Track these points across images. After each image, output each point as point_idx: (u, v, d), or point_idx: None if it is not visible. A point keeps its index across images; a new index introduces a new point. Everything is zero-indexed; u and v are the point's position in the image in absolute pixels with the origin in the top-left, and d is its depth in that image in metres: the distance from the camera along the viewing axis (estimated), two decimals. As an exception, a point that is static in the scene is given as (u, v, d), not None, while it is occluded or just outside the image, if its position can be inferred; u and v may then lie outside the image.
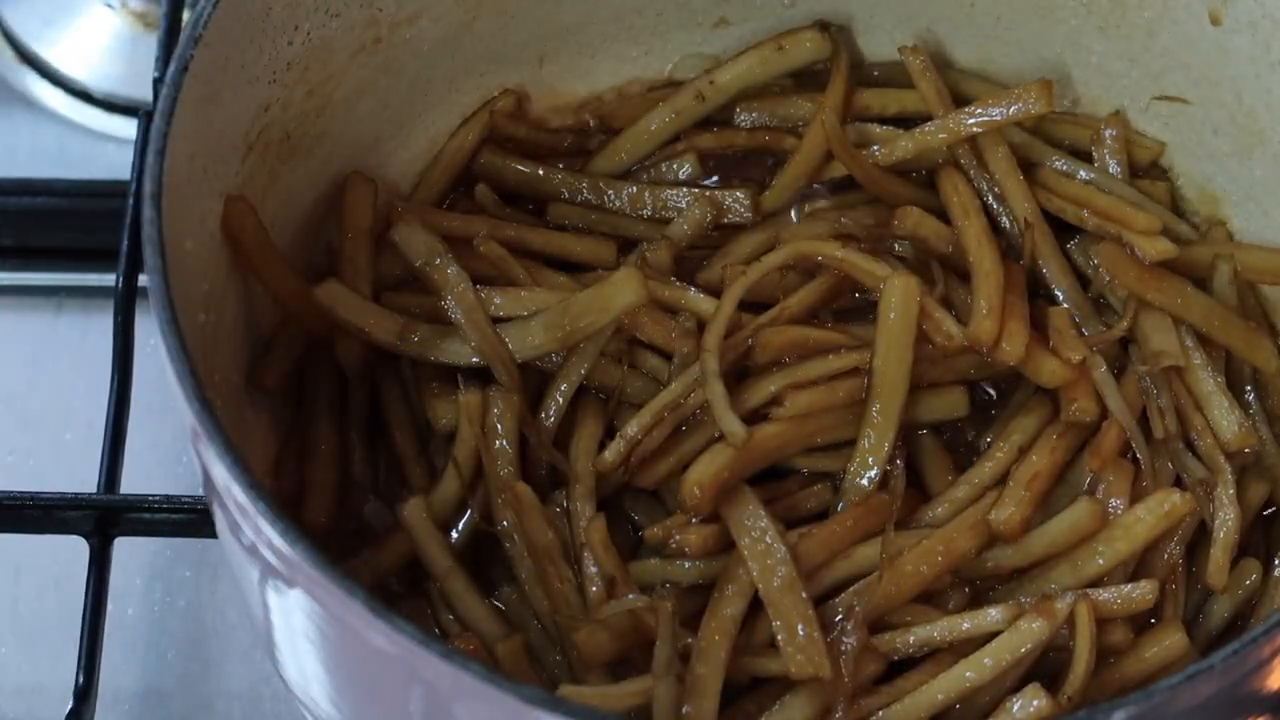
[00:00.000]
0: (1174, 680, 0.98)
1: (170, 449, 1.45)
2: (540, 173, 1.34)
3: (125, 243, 1.41)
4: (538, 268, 1.28)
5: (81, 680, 1.29)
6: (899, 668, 1.16)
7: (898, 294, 1.22)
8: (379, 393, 1.26)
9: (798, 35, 1.36)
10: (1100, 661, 1.15)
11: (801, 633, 1.13)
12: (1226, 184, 1.32)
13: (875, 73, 1.37)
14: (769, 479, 1.22)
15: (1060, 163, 1.32)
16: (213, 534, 1.19)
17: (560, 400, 1.23)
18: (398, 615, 0.96)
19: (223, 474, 1.01)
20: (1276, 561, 1.23)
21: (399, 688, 1.02)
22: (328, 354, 1.26)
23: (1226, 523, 1.21)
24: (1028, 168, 1.32)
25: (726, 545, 1.18)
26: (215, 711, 1.38)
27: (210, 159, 1.16)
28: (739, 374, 1.23)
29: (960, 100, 1.33)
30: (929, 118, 1.32)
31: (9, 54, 1.65)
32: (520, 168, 1.34)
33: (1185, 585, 1.21)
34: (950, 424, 1.26)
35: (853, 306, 1.27)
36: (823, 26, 1.36)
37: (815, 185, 1.34)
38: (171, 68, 1.12)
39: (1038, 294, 1.28)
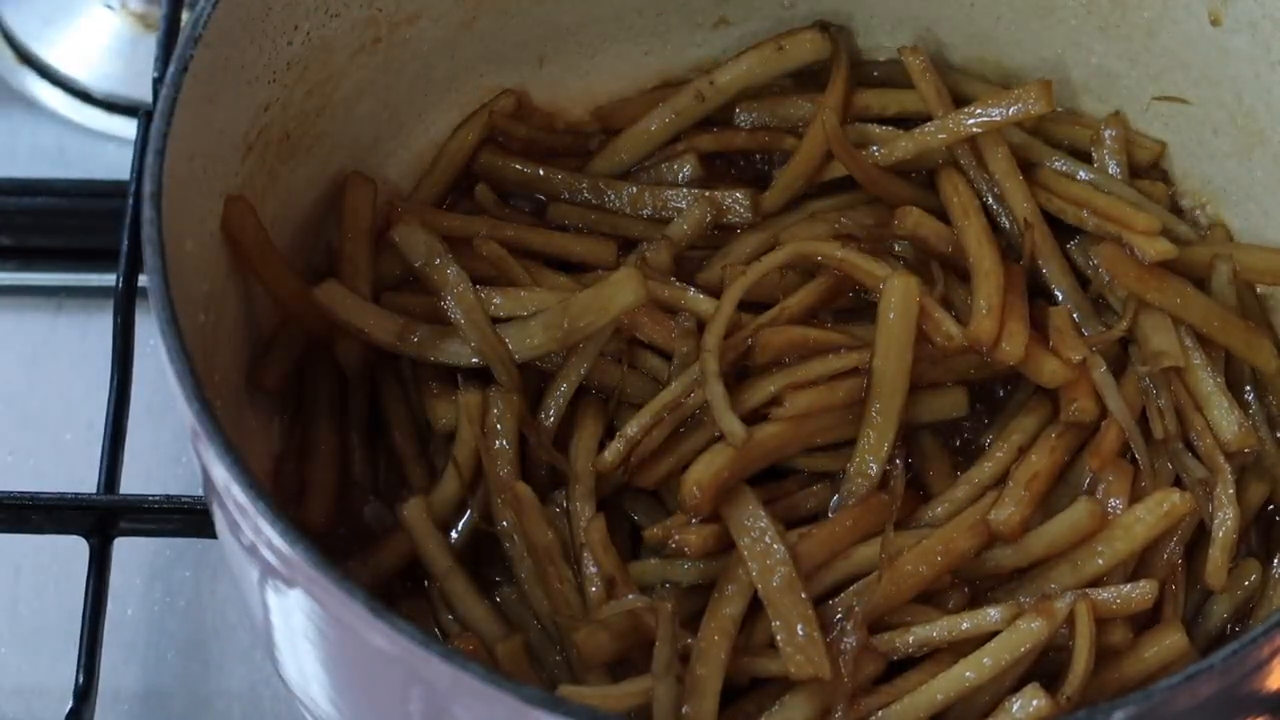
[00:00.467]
0: (1174, 680, 0.98)
1: (170, 449, 1.45)
2: (540, 173, 1.34)
3: (125, 243, 1.41)
4: (538, 268, 1.28)
5: (81, 680, 1.29)
6: (899, 668, 1.16)
7: (898, 294, 1.22)
8: (379, 393, 1.26)
9: (798, 35, 1.36)
10: (1100, 661, 1.15)
11: (801, 633, 1.13)
12: (1226, 184, 1.32)
13: (875, 73, 1.37)
14: (769, 479, 1.22)
15: (1060, 163, 1.32)
16: (213, 534, 1.19)
17: (560, 400, 1.23)
18: (398, 615, 0.96)
19: (223, 474, 1.01)
20: (1276, 561, 1.23)
21: (399, 688, 1.02)
22: (328, 354, 1.26)
23: (1226, 523, 1.21)
24: (1028, 168, 1.32)
25: (726, 545, 1.18)
26: (215, 711, 1.38)
27: (210, 159, 1.16)
28: (739, 374, 1.23)
29: (960, 100, 1.33)
30: (929, 118, 1.32)
31: (9, 54, 1.65)
32: (520, 168, 1.34)
33: (1185, 585, 1.21)
34: (951, 424, 1.26)
35: (853, 306, 1.27)
36: (823, 26, 1.36)
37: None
38: (171, 68, 1.12)
39: (1038, 294, 1.28)
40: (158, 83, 1.46)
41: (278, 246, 1.22)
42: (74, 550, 1.34)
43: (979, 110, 1.30)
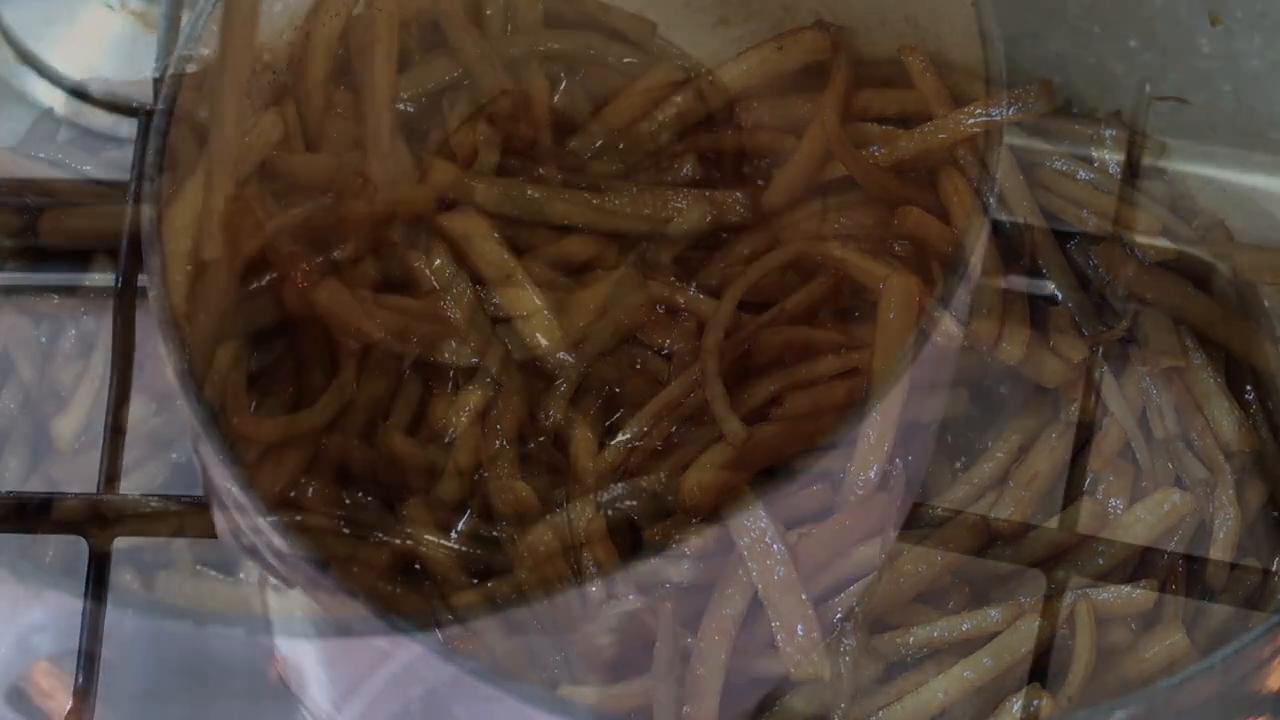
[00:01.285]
0: (1174, 680, 0.99)
1: (170, 449, 1.45)
2: (540, 172, 1.34)
3: (125, 243, 1.41)
4: (538, 268, 1.28)
5: (81, 680, 1.29)
6: (899, 667, 1.16)
7: (898, 294, 1.22)
8: (379, 393, 1.26)
9: (798, 35, 1.36)
10: (1100, 661, 1.15)
11: (801, 633, 1.13)
12: (1226, 184, 1.32)
13: (875, 73, 1.37)
14: (769, 479, 1.22)
15: (1060, 163, 1.32)
16: (213, 534, 1.19)
17: (560, 400, 1.23)
18: (398, 615, 0.96)
19: (223, 474, 1.01)
20: (1276, 562, 1.23)
21: (399, 688, 1.02)
22: (328, 353, 1.25)
23: (1226, 523, 1.21)
24: (1028, 168, 1.32)
25: (726, 545, 1.18)
26: (215, 712, 1.38)
27: (210, 159, 1.16)
28: (739, 374, 1.23)
29: (960, 100, 1.33)
30: (929, 118, 1.32)
31: (9, 54, 1.65)
32: (520, 167, 1.34)
33: (1185, 585, 1.21)
34: (951, 424, 1.26)
35: (853, 306, 1.27)
36: (823, 26, 1.36)
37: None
38: (171, 68, 1.12)
39: (1038, 294, 1.28)
40: (158, 83, 1.46)
41: (278, 247, 1.22)
42: (74, 550, 1.34)
43: (979, 110, 1.30)
